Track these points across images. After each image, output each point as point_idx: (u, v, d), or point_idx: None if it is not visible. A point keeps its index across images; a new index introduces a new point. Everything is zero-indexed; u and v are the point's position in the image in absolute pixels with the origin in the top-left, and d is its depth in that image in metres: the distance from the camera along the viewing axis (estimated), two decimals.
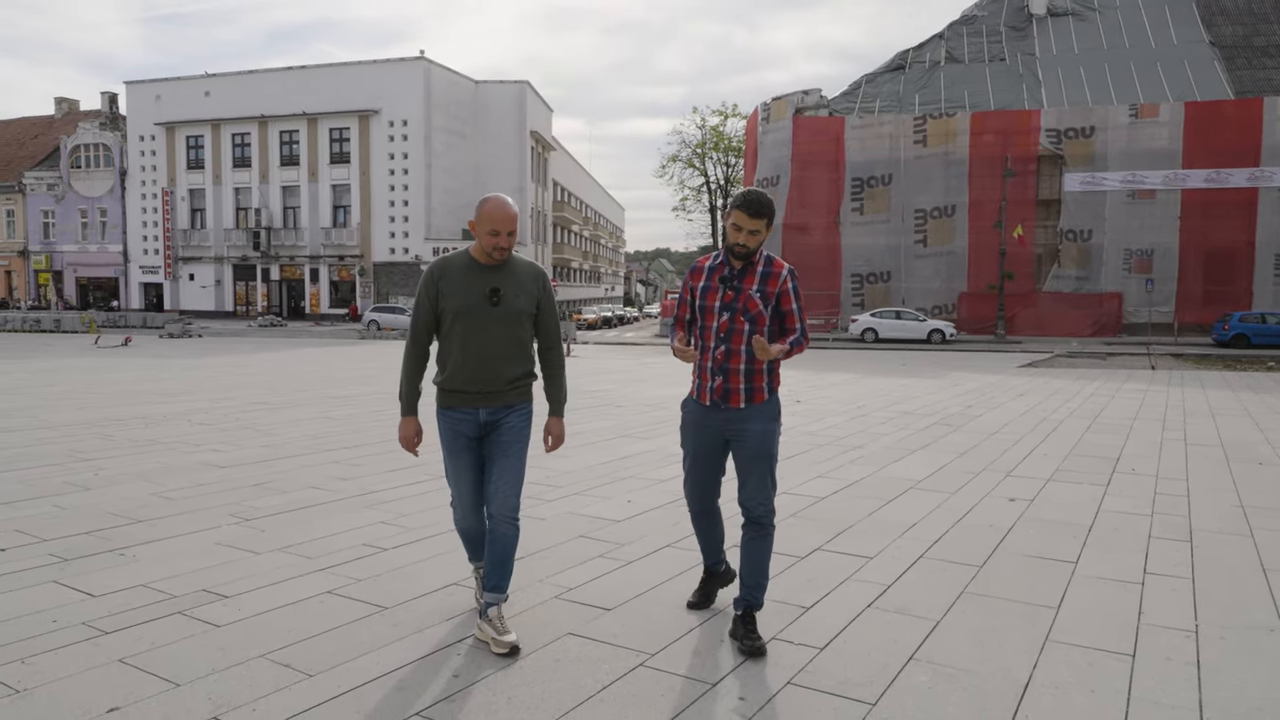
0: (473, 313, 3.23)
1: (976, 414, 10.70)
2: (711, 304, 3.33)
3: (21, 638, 3.33)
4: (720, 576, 3.74)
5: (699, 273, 3.43)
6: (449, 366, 3.29)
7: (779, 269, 3.31)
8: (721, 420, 3.35)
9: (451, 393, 3.30)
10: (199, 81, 49.34)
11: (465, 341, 3.26)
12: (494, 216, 3.24)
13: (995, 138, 34.69)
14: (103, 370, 16.62)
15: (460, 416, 3.31)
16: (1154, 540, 4.92)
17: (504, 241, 3.23)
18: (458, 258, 3.35)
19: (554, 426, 3.52)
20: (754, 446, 3.31)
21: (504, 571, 3.32)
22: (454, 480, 3.40)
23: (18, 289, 55.05)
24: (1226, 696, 2.94)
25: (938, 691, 2.97)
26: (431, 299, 3.29)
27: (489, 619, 3.29)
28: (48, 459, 7.07)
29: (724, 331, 3.30)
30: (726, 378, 3.31)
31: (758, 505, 3.33)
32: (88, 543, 4.64)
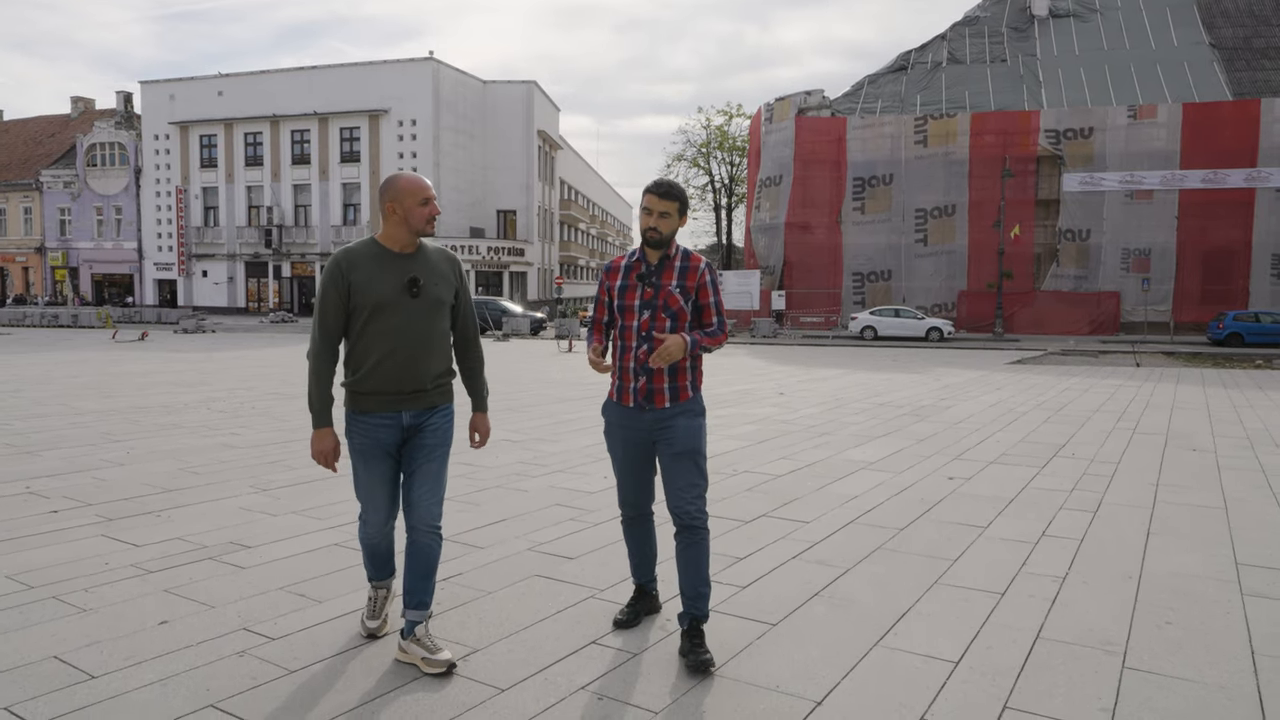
0: (392, 306, 2.95)
1: (947, 406, 11.33)
2: (631, 303, 3.23)
3: (82, 574, 4.04)
4: (651, 600, 3.59)
5: (615, 272, 3.31)
6: (365, 366, 2.99)
7: (696, 262, 3.24)
8: (648, 421, 3.23)
9: (367, 395, 3.00)
10: (212, 81, 50.24)
11: (384, 338, 2.96)
12: (416, 185, 2.99)
13: (995, 138, 35.18)
14: (123, 363, 17.41)
15: (379, 422, 3.02)
16: (1063, 511, 5.56)
17: (436, 209, 3.03)
18: (364, 247, 3.02)
19: (482, 423, 3.32)
20: (681, 440, 3.18)
21: (428, 586, 3.09)
22: (367, 492, 3.12)
23: (35, 285, 56.14)
24: (1065, 623, 3.59)
25: (829, 617, 3.64)
26: (342, 294, 2.95)
27: (416, 638, 3.06)
28: (83, 440, 7.80)
29: (645, 330, 3.20)
30: (650, 377, 3.20)
31: (688, 504, 3.18)
32: (127, 506, 5.35)
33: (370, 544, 3.24)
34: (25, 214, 56.03)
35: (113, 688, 2.88)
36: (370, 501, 3.14)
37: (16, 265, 56.77)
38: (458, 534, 4.80)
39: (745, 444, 8.03)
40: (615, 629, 3.43)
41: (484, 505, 5.54)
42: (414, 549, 3.08)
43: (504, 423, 9.22)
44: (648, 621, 3.52)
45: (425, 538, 3.07)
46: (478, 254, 45.84)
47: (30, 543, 4.54)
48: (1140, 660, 3.22)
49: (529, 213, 49.03)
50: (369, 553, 3.28)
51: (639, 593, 3.58)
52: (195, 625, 3.44)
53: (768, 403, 11.51)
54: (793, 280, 37.98)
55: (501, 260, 46.63)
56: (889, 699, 2.88)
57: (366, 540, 3.24)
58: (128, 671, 3.00)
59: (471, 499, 5.70)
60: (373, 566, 3.32)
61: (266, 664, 3.09)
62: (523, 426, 9.02)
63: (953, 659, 3.21)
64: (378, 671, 3.04)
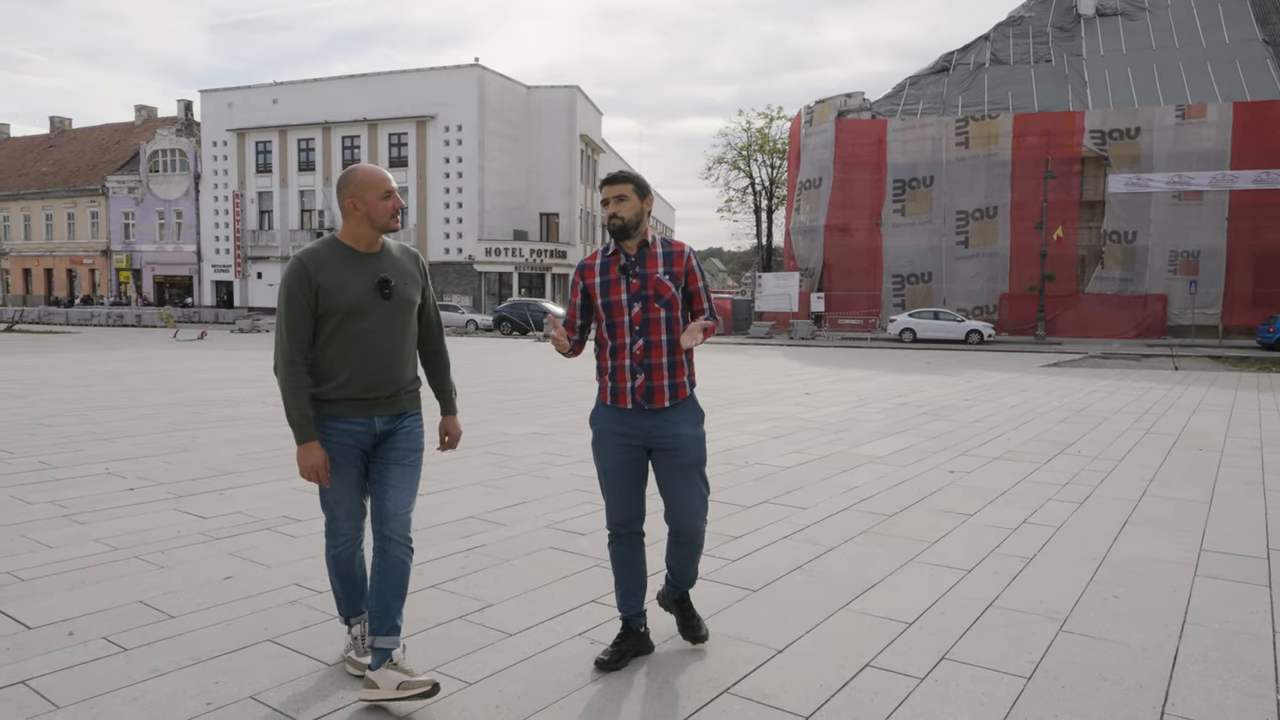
0: (363, 309, 2.78)
1: (968, 406, 11.59)
2: (618, 298, 3.04)
3: (158, 539, 4.66)
4: (640, 639, 3.22)
5: (590, 270, 3.13)
6: (339, 375, 2.80)
7: (680, 248, 3.10)
8: (646, 425, 3.05)
9: (338, 402, 2.82)
10: (268, 90, 52.00)
11: (356, 343, 2.79)
12: (376, 177, 2.83)
13: (1038, 139, 34.91)
14: (184, 360, 18.43)
15: (350, 427, 2.84)
16: (1051, 502, 5.90)
17: (399, 201, 2.89)
18: (327, 247, 2.84)
19: (453, 425, 3.14)
20: (688, 454, 3.06)
21: (400, 607, 2.87)
22: (334, 501, 2.91)
23: (101, 286, 58.63)
24: (1019, 596, 3.98)
25: (807, 585, 4.08)
26: (310, 298, 2.75)
27: (394, 663, 2.79)
28: (152, 429, 8.54)
29: (639, 324, 3.02)
30: (649, 374, 3.03)
31: (693, 519, 3.10)
32: (194, 486, 6.00)
33: (342, 562, 2.99)
34: (92, 218, 58.56)
35: (188, 625, 3.46)
36: (340, 507, 2.92)
37: (84, 267, 59.36)
38: (483, 513, 5.34)
39: (760, 439, 8.46)
40: (598, 670, 3.09)
41: (509, 489, 6.07)
42: (386, 564, 2.85)
43: (536, 417, 9.77)
44: (636, 663, 3.17)
45: (398, 550, 2.86)
46: (520, 256, 46.73)
47: (112, 514, 5.19)
48: (1077, 626, 3.60)
49: (571, 215, 49.80)
50: (342, 577, 3.01)
51: (625, 630, 3.21)
52: (254, 581, 4.01)
53: (792, 402, 11.89)
54: (832, 282, 38.09)
55: (544, 262, 47.46)
56: (842, 649, 3.32)
57: (337, 558, 2.99)
58: (200, 614, 3.58)
59: (498, 484, 6.24)
60: (346, 596, 3.05)
61: (315, 611, 3.64)
62: (552, 421, 9.56)
63: (907, 621, 3.63)
64: (411, 614, 3.57)
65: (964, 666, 3.18)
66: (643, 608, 3.24)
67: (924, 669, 3.15)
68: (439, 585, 3.99)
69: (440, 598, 3.82)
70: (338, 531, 2.98)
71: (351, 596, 3.06)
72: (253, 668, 3.07)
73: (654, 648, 3.29)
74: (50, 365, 16.69)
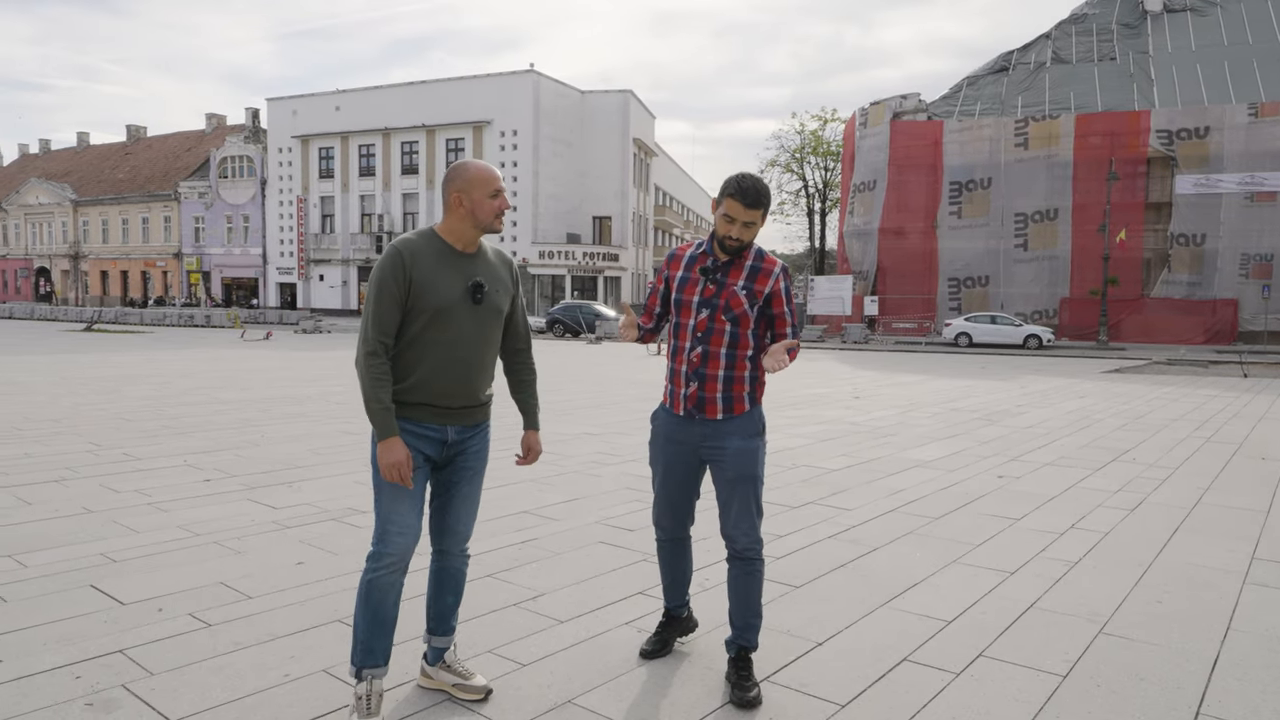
0: (451, 312, 2.64)
1: (1021, 411, 11.46)
2: (689, 298, 2.95)
3: (235, 528, 4.97)
4: (681, 623, 3.32)
5: (677, 261, 3.04)
6: (415, 376, 2.66)
7: (771, 265, 2.94)
8: (697, 435, 2.97)
9: (414, 405, 2.68)
10: (330, 97, 53.51)
11: (439, 348, 2.66)
12: (487, 174, 2.70)
13: (1102, 139, 34.05)
14: (252, 360, 19.17)
15: (424, 431, 2.69)
16: (1100, 508, 5.88)
17: (506, 202, 2.74)
18: (424, 241, 2.68)
19: (536, 441, 3.04)
20: (734, 467, 2.93)
21: (457, 611, 2.93)
22: (392, 509, 2.66)
23: (172, 288, 60.97)
24: (1060, 598, 4.02)
25: (849, 583, 4.18)
26: (403, 290, 2.60)
27: (446, 664, 2.91)
28: (226, 425, 8.98)
29: (701, 331, 2.93)
30: (702, 384, 2.94)
31: (742, 536, 2.98)
32: (265, 478, 6.34)
33: (377, 590, 2.67)
34: (165, 222, 60.95)
35: (264, 605, 3.72)
36: (398, 520, 2.66)
37: (157, 270, 61.81)
38: (536, 508, 5.56)
39: (809, 442, 8.53)
40: (642, 659, 3.19)
41: (562, 487, 6.28)
42: (446, 574, 2.88)
43: (588, 418, 9.99)
44: (679, 651, 3.30)
45: (457, 561, 2.88)
46: (573, 259, 47.23)
47: (192, 503, 5.54)
48: (1118, 628, 3.64)
49: (624, 219, 50.14)
50: (372, 609, 2.67)
51: (667, 619, 3.29)
52: (323, 566, 4.28)
53: (841, 405, 11.90)
54: (886, 286, 37.69)
55: (596, 265, 47.87)
56: (880, 644, 3.43)
57: (374, 584, 2.67)
58: (275, 595, 3.85)
59: (551, 481, 6.46)
60: (369, 636, 2.67)
61: None
62: (604, 421, 9.76)
63: (946, 619, 3.71)
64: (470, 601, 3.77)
65: (1000, 664, 3.26)
66: (685, 599, 3.32)
67: (960, 665, 3.24)
68: (494, 575, 4.20)
69: (496, 586, 4.03)
70: (385, 551, 2.67)
71: (374, 639, 2.67)
72: (324, 645, 3.30)
73: (697, 625, 3.38)
74: (128, 364, 17.53)
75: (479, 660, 3.19)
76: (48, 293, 67.57)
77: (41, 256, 68.50)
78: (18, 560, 4.25)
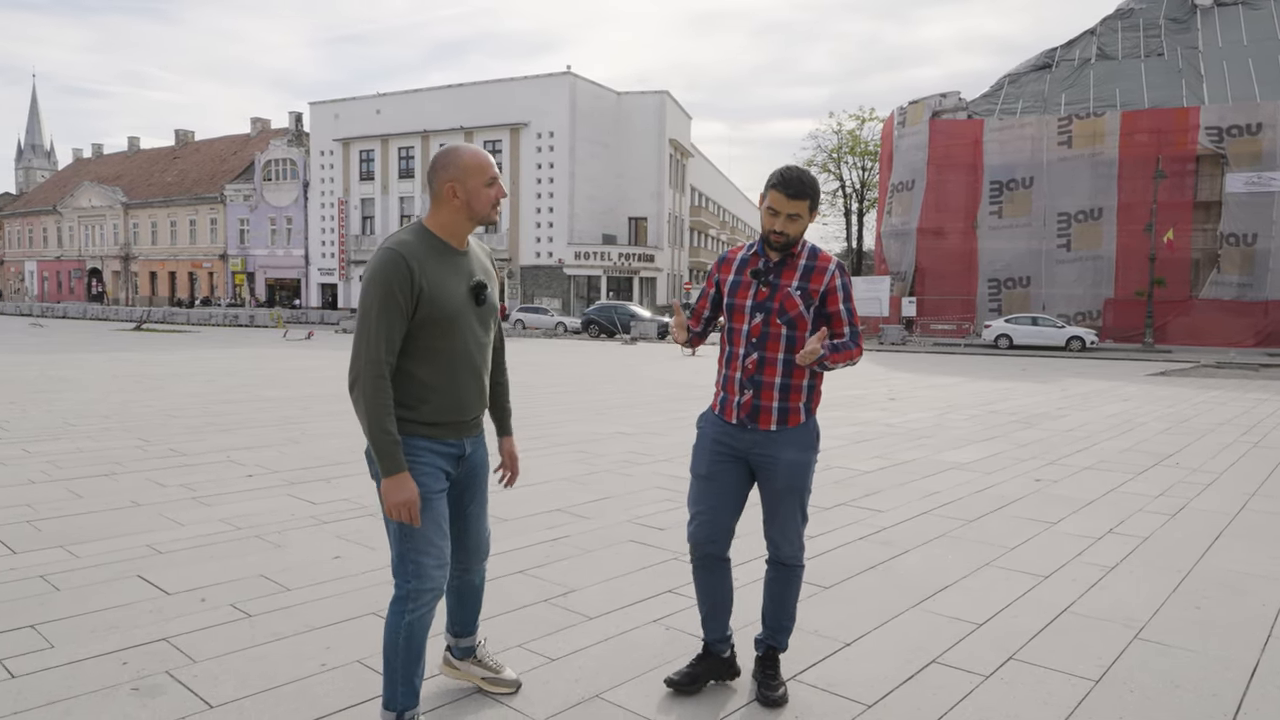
0: (460, 319, 2.43)
1: (1061, 414, 11.26)
2: (742, 303, 2.82)
3: (275, 522, 5.10)
4: (720, 665, 3.01)
5: (728, 264, 2.90)
6: (436, 392, 2.43)
7: (825, 263, 2.80)
8: (748, 443, 2.83)
9: (430, 425, 2.46)
10: (371, 101, 54.34)
11: (454, 358, 2.44)
12: (482, 160, 2.46)
13: (1148, 137, 33.28)
14: (294, 359, 19.55)
15: (446, 449, 2.50)
16: (1141, 513, 5.77)
17: (503, 190, 2.50)
18: (420, 241, 2.41)
19: (514, 448, 2.88)
20: (785, 479, 2.82)
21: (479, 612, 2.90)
22: (427, 544, 2.44)
23: (218, 288, 62.37)
24: (1095, 602, 3.97)
25: (879, 585, 4.17)
26: (410, 302, 2.33)
27: (477, 659, 2.89)
28: (268, 422, 9.19)
29: (756, 336, 2.78)
30: (758, 392, 2.79)
31: (785, 544, 2.91)
32: (304, 474, 6.48)
33: (418, 630, 2.47)
34: (211, 224, 62.38)
35: (303, 597, 3.82)
36: (434, 554, 2.44)
37: (203, 270, 63.27)
38: (568, 506, 5.61)
39: (843, 444, 8.48)
40: (667, 687, 2.95)
41: (593, 485, 6.33)
42: (470, 588, 2.82)
43: (621, 418, 10.05)
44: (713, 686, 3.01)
45: (479, 574, 2.80)
46: (609, 260, 47.38)
47: (234, 497, 5.69)
48: (1154, 634, 3.58)
49: (659, 219, 50.19)
50: (414, 650, 2.47)
51: (704, 653, 3.01)
52: (360, 561, 4.37)
53: (876, 407, 11.80)
54: (924, 287, 37.23)
55: (632, 266, 47.98)
56: (909, 646, 3.42)
57: (415, 625, 2.45)
58: (313, 587, 3.94)
59: (583, 480, 6.51)
60: (411, 673, 2.49)
61: None
62: (637, 421, 9.81)
63: (977, 621, 3.69)
64: (501, 597, 3.85)
65: (1031, 667, 3.23)
66: (726, 632, 3.00)
67: (990, 668, 3.22)
68: (526, 571, 4.26)
69: (527, 582, 4.09)
70: (424, 589, 2.43)
71: (414, 677, 2.50)
72: (359, 636, 3.39)
73: (739, 672, 3.05)
74: (176, 362, 18.00)
75: (509, 654, 3.25)
76: (99, 293, 69.55)
77: (94, 258, 70.51)
78: (69, 551, 4.41)
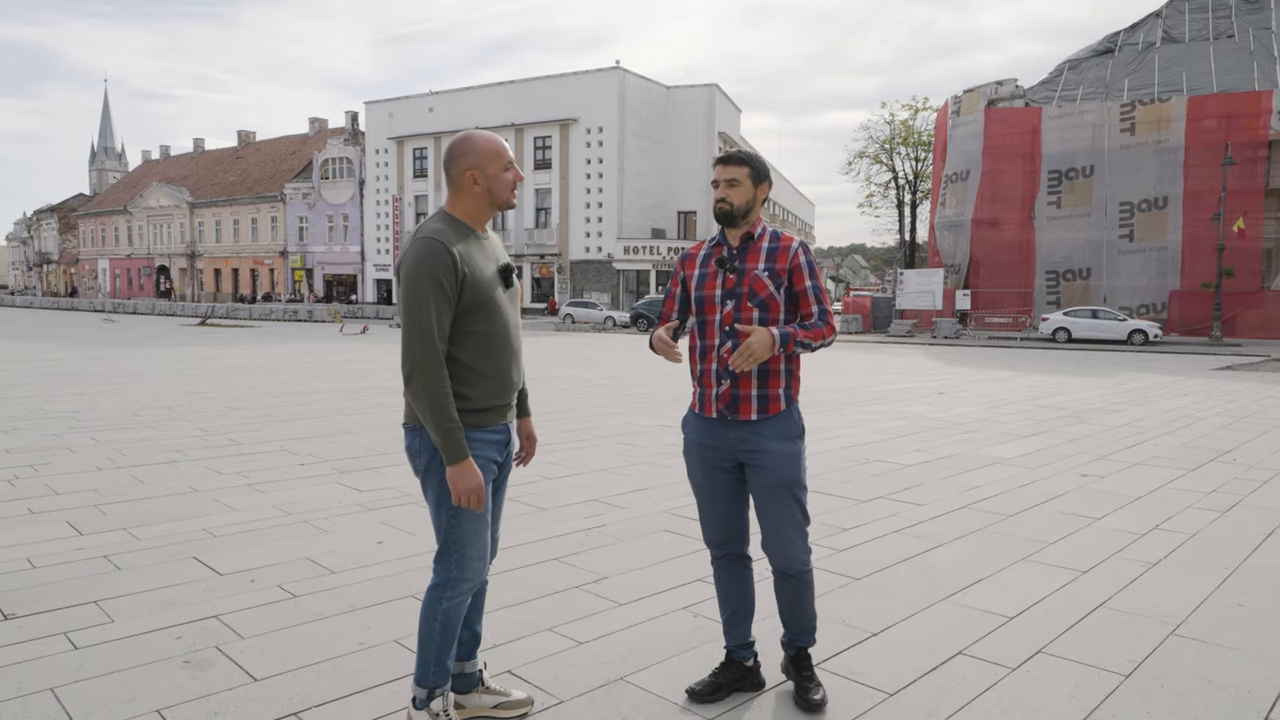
0: (496, 301, 2.47)
1: (1116, 409, 10.98)
2: (711, 293, 2.78)
3: (324, 508, 5.29)
4: (743, 674, 2.95)
5: (692, 260, 2.89)
6: (484, 376, 2.46)
7: (788, 242, 2.77)
8: (733, 440, 2.77)
9: (485, 410, 2.49)
10: (424, 99, 55.22)
11: (495, 341, 2.48)
12: (499, 145, 2.47)
13: (1217, 123, 32.01)
14: (347, 352, 20.06)
15: (494, 436, 2.53)
16: (1189, 509, 5.63)
17: (519, 174, 2.53)
18: (451, 228, 2.44)
19: (532, 429, 2.84)
20: (774, 471, 2.73)
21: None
22: (474, 533, 2.49)
23: (278, 284, 64.13)
24: (1132, 599, 3.90)
25: (911, 577, 4.16)
26: (455, 289, 2.37)
27: (485, 686, 2.76)
28: (321, 413, 9.48)
29: (729, 324, 2.74)
30: (735, 382, 2.74)
31: (789, 550, 2.78)
32: (354, 463, 6.70)
33: (455, 615, 2.51)
34: (272, 222, 64.13)
35: (346, 580, 3.98)
36: (479, 545, 2.49)
37: (265, 267, 65.11)
38: (606, 496, 5.71)
39: (886, 437, 8.42)
40: (688, 698, 2.87)
41: (632, 477, 6.41)
42: (479, 591, 2.67)
43: (663, 410, 10.11)
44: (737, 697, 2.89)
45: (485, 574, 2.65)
46: (658, 254, 47.40)
47: (286, 485, 5.91)
48: (1191, 630, 3.52)
49: (708, 213, 49.89)
50: (450, 635, 2.51)
51: (726, 661, 2.96)
52: (401, 546, 4.52)
53: (924, 401, 11.65)
54: (979, 279, 36.44)
55: None
56: (936, 637, 3.42)
57: (452, 611, 2.50)
58: (356, 571, 4.10)
59: (622, 471, 6.60)
60: (443, 653, 2.52)
61: None
62: (678, 414, 9.82)
63: (1008, 615, 3.66)
64: (534, 582, 3.95)
65: (1060, 661, 3.21)
66: (748, 638, 2.95)
67: (1017, 660, 3.21)
68: (560, 558, 4.36)
69: (561, 569, 4.19)
70: (465, 578, 2.49)
71: (446, 656, 2.53)
72: (398, 618, 3.52)
73: (764, 684, 2.97)
74: (237, 356, 18.63)
75: (538, 637, 3.35)
76: (167, 289, 72.14)
77: (162, 255, 73.10)
78: (131, 533, 4.65)
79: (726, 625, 2.96)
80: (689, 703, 2.87)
